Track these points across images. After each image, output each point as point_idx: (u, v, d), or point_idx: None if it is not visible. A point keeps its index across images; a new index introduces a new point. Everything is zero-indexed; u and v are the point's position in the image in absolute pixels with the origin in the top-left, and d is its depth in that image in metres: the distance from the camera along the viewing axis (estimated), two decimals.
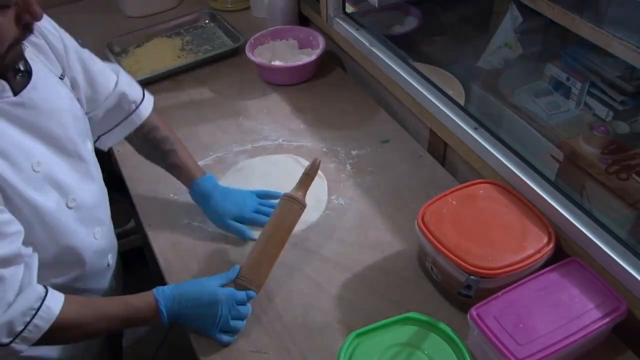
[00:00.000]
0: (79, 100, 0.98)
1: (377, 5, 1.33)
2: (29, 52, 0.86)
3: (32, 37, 0.83)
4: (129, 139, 1.13)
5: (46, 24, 0.92)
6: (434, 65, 1.37)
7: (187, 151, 1.14)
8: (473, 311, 0.87)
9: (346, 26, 1.45)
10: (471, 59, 1.41)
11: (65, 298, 0.85)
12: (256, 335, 0.96)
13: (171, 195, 1.21)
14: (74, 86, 0.98)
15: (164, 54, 1.62)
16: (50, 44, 0.92)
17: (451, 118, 1.16)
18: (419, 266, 1.05)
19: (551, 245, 0.93)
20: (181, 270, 1.06)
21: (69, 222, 0.90)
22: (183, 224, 1.15)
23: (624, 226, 0.98)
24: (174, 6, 1.86)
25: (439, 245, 0.93)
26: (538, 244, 0.93)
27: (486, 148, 1.09)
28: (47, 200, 0.85)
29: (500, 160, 1.07)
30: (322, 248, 1.09)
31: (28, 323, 0.80)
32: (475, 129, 1.13)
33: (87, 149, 0.97)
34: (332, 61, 1.58)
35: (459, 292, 0.91)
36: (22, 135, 0.83)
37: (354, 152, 1.29)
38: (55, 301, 0.83)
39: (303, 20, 1.68)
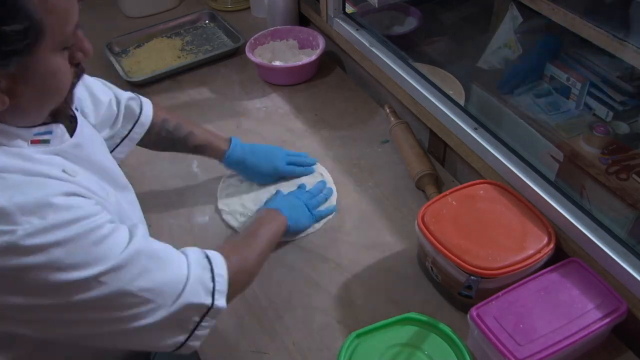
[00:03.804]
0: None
1: (377, 6, 1.33)
2: None
3: None
4: (143, 142, 1.11)
5: None
6: (434, 65, 1.36)
7: (201, 128, 1.16)
8: (473, 311, 0.87)
9: (346, 26, 1.45)
10: (471, 59, 1.41)
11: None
12: (256, 335, 0.96)
13: (171, 195, 1.21)
14: (84, 115, 0.96)
15: (164, 54, 1.62)
16: None
17: (451, 118, 1.16)
18: (419, 266, 1.05)
19: (551, 246, 0.93)
20: None
21: None
22: (184, 224, 1.15)
23: (624, 226, 0.98)
24: (174, 6, 1.86)
25: (439, 245, 0.93)
26: (538, 244, 0.93)
27: (486, 148, 1.09)
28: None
29: (500, 161, 1.07)
30: (322, 248, 1.09)
31: (212, 274, 0.79)
32: (475, 129, 1.13)
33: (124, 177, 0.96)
34: (332, 61, 1.58)
35: (460, 292, 0.91)
36: (90, 174, 0.80)
37: (354, 152, 1.29)
38: (211, 250, 0.84)
39: (303, 21, 1.68)
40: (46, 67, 0.66)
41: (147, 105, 1.10)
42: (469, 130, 1.13)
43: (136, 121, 1.08)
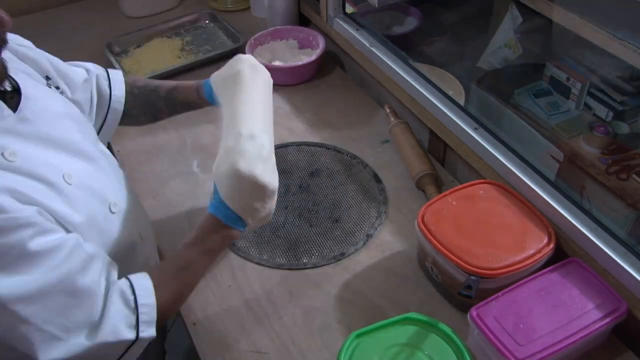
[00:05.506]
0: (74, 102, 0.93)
1: (377, 6, 1.33)
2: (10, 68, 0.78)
3: (7, 52, 0.76)
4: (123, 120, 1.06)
5: (11, 37, 0.84)
6: (434, 65, 1.37)
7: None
8: (473, 311, 0.87)
9: (346, 26, 1.45)
10: (471, 59, 1.41)
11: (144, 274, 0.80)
12: (256, 335, 0.96)
13: (172, 195, 1.21)
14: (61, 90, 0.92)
15: (164, 54, 1.62)
16: (24, 54, 0.87)
17: (451, 118, 1.16)
18: (419, 266, 1.05)
19: (551, 245, 0.93)
20: None
21: (115, 229, 0.83)
22: (184, 224, 1.15)
23: (624, 226, 0.98)
24: (174, 6, 1.86)
25: (439, 245, 0.93)
26: (538, 244, 0.93)
27: (486, 148, 1.09)
28: (92, 210, 0.79)
29: (500, 161, 1.07)
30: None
31: (136, 305, 0.76)
32: (475, 129, 1.13)
33: (102, 150, 0.90)
34: (332, 61, 1.58)
35: (459, 292, 0.91)
36: (40, 151, 0.75)
37: (354, 152, 1.29)
38: (139, 277, 0.79)
39: (303, 21, 1.68)
40: None
41: (118, 84, 1.03)
42: (469, 130, 1.13)
43: (109, 105, 1.02)
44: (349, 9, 1.50)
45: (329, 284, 1.03)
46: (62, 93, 0.92)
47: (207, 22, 1.77)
